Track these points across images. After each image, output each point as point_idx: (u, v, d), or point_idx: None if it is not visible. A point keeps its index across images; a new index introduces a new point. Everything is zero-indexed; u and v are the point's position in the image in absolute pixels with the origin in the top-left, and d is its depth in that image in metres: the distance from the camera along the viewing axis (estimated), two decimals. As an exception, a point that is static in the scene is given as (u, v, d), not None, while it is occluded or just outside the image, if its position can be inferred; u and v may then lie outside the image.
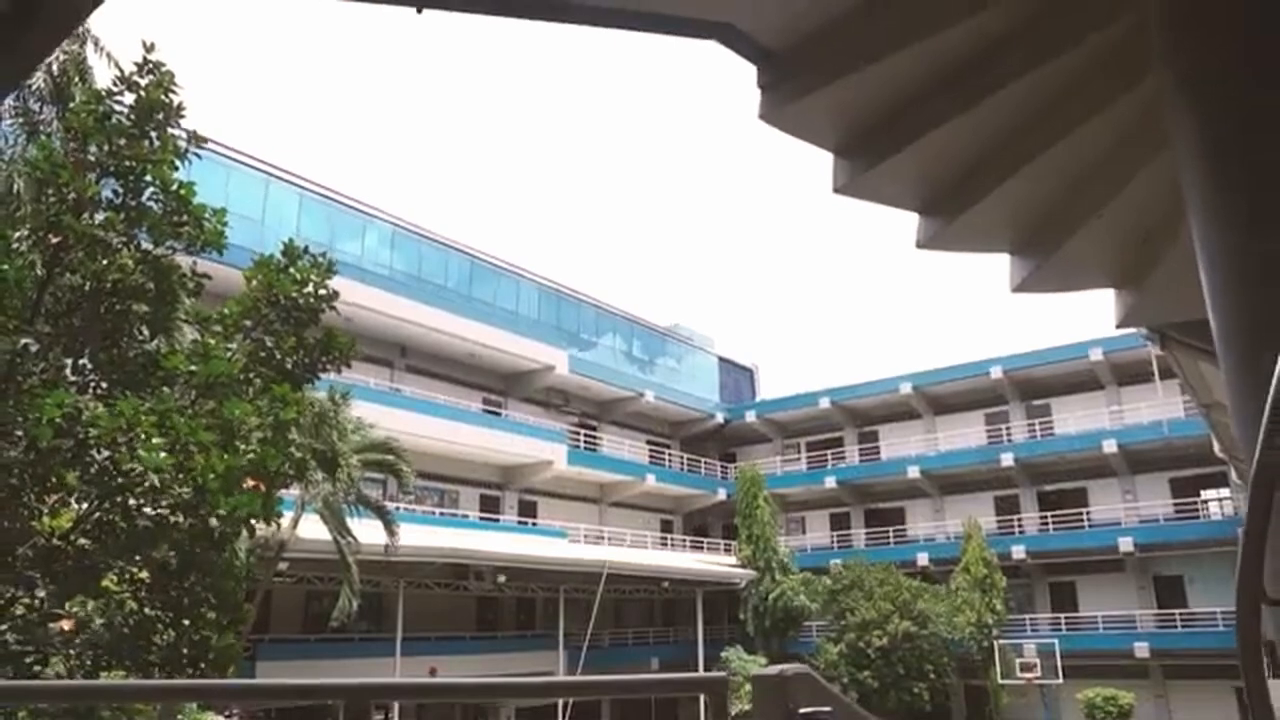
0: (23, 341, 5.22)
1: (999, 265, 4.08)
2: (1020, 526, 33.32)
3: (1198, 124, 2.21)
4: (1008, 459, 33.01)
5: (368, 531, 19.78)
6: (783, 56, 3.27)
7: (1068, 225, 3.51)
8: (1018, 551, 31.69)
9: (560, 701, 25.77)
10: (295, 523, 18.27)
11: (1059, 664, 28.01)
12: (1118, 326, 4.16)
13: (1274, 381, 1.79)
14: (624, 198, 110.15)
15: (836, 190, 3.67)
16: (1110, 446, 30.86)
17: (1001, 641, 29.21)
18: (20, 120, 8.89)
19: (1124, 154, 3.16)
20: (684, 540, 38.55)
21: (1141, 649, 28.65)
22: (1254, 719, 1.73)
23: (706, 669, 27.37)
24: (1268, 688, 1.77)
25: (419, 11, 3.03)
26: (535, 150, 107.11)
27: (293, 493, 16.15)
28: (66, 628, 5.13)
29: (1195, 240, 2.25)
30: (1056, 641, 28.86)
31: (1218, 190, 2.17)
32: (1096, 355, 31.66)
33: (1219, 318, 2.18)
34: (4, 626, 5.11)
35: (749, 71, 3.46)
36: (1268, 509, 1.74)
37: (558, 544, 30.20)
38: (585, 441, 35.43)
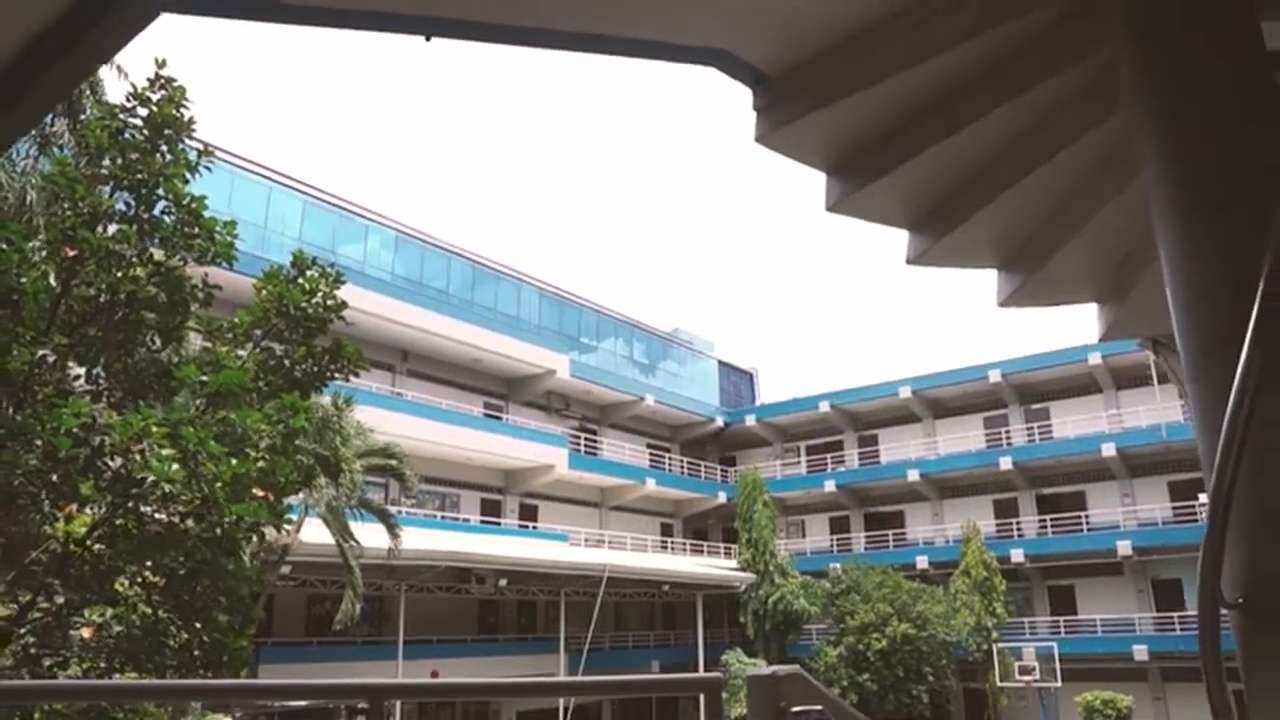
0: (41, 352, 5.37)
1: (991, 275, 4.23)
2: (1019, 530, 33.44)
3: (1165, 157, 2.35)
4: (1006, 463, 33.13)
5: (370, 535, 19.91)
6: (777, 82, 3.41)
7: (1050, 245, 3.67)
8: (1016, 555, 31.80)
9: (561, 703, 25.90)
10: (298, 527, 18.41)
11: (1058, 667, 28.13)
12: (1101, 339, 4.30)
13: (1230, 403, 1.94)
14: (625, 205, 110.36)
15: (829, 209, 3.82)
16: (1109, 450, 30.99)
17: (1000, 645, 29.31)
18: (33, 133, 9.05)
19: (1102, 179, 3.31)
20: (684, 544, 38.67)
21: (1140, 652, 28.77)
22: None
23: (707, 672, 27.47)
24: (1228, 689, 1.91)
25: (427, 39, 3.19)
26: (539, 159, 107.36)
27: (296, 497, 16.28)
28: (86, 635, 5.28)
29: (1163, 265, 2.39)
30: (1055, 644, 28.97)
31: (1184, 221, 2.31)
32: (1095, 359, 31.80)
33: (1183, 338, 2.32)
34: (23, 630, 5.26)
35: (746, 92, 3.61)
36: (1225, 523, 1.88)
37: (558, 547, 30.31)
38: (586, 445, 35.57)
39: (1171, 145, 2.34)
